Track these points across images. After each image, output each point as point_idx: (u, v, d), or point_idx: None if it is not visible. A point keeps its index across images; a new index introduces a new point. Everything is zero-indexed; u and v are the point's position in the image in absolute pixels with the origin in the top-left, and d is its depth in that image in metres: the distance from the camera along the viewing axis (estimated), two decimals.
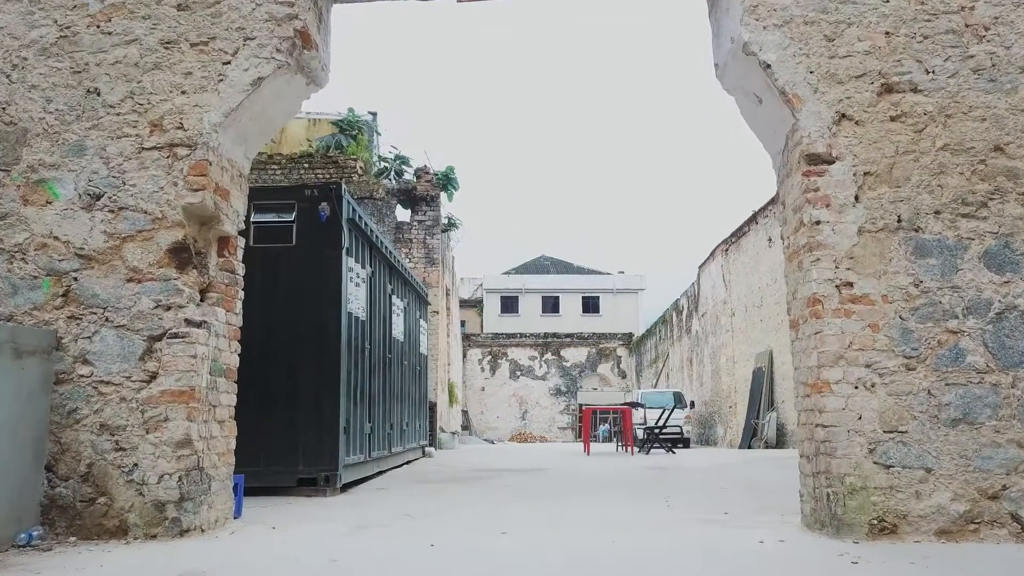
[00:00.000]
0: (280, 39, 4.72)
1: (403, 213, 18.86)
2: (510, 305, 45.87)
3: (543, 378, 37.05)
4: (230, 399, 4.90)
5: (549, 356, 37.22)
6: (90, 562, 3.75)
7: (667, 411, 15.93)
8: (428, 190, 18.78)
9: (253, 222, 7.01)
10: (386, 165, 20.04)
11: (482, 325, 43.48)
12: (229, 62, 4.70)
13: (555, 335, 38.17)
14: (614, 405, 23.01)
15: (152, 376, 4.42)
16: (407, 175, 19.70)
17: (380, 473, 9.15)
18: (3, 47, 4.81)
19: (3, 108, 4.76)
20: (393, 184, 19.07)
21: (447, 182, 19.30)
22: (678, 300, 28.41)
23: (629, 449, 15.69)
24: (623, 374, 37.11)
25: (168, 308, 4.48)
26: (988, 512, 4.10)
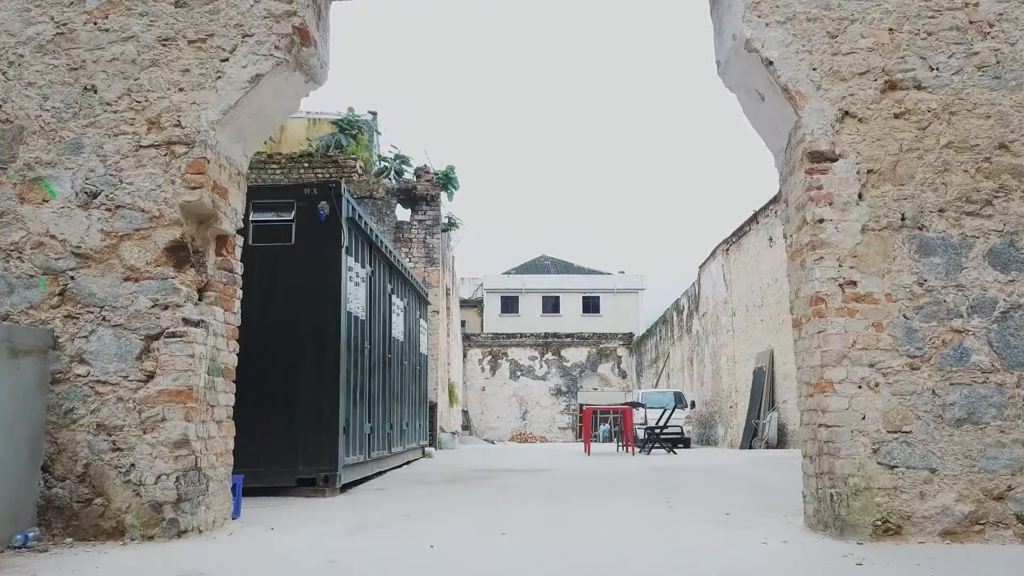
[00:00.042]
0: (278, 36, 4.68)
1: (403, 212, 18.83)
2: (510, 305, 45.85)
3: (543, 378, 37.02)
4: (228, 399, 4.86)
5: (549, 356, 37.20)
6: (86, 563, 3.72)
7: (668, 411, 15.88)
8: (428, 189, 18.75)
9: (252, 221, 6.98)
10: (386, 164, 19.99)
11: (482, 325, 43.45)
12: (227, 59, 4.66)
13: (555, 335, 38.14)
14: (614, 405, 22.98)
15: (149, 376, 4.39)
16: (407, 174, 19.66)
17: (380, 473, 9.11)
18: None
19: None
20: (393, 183, 19.03)
21: (447, 181, 19.26)
22: (678, 300, 28.37)
23: (630, 449, 15.64)
24: (623, 374, 37.08)
25: (165, 307, 4.45)
26: (993, 513, 4.06)
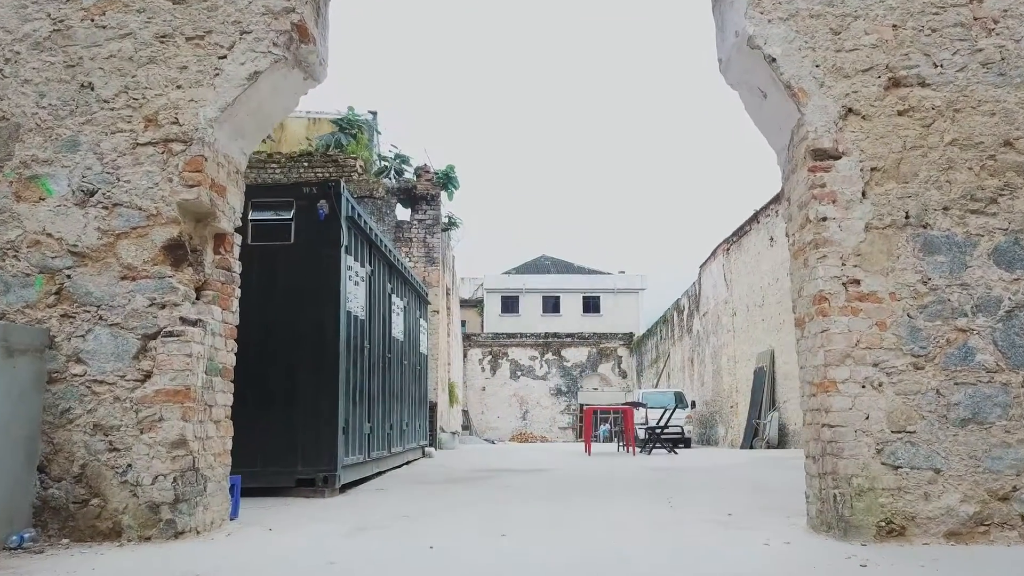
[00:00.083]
0: (277, 33, 4.64)
1: (403, 212, 18.79)
2: (511, 305, 45.81)
3: (544, 378, 36.99)
4: (226, 399, 4.82)
5: (550, 356, 37.16)
6: (82, 565, 3.68)
7: (669, 411, 15.84)
8: (428, 189, 18.71)
9: (251, 220, 6.94)
10: (386, 164, 19.95)
11: (483, 325, 43.41)
12: (225, 56, 4.62)
13: (556, 335, 38.11)
14: (615, 405, 22.94)
15: (146, 375, 4.35)
16: (407, 174, 19.62)
17: (379, 474, 9.07)
18: None
19: None
20: (393, 183, 18.99)
21: (447, 181, 19.22)
22: (679, 300, 28.33)
23: (630, 449, 15.60)
24: (624, 374, 37.04)
25: (163, 306, 4.41)
26: (998, 514, 4.02)
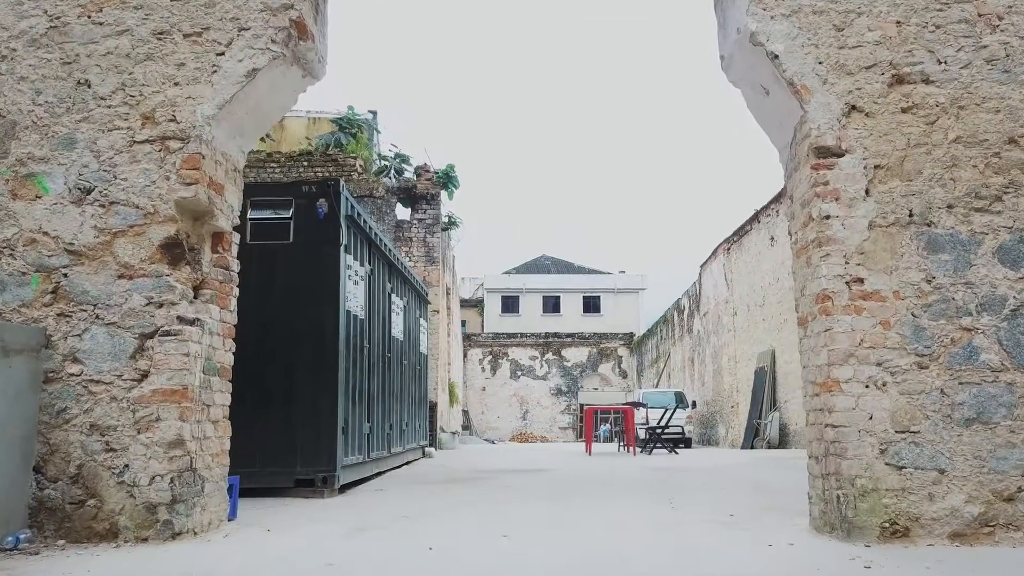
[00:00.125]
0: (275, 29, 4.60)
1: (403, 211, 18.75)
2: (511, 305, 45.79)
3: (544, 378, 36.94)
4: (224, 398, 4.78)
5: (550, 356, 37.11)
6: (78, 566, 3.64)
7: (670, 411, 15.80)
8: (428, 188, 18.67)
9: (250, 219, 6.90)
10: (386, 163, 19.91)
11: (483, 325, 43.38)
12: (223, 53, 4.58)
13: (556, 335, 38.07)
14: (615, 405, 22.90)
15: (143, 375, 4.31)
16: (407, 173, 19.57)
17: (379, 474, 9.04)
18: None
19: None
20: (393, 182, 18.94)
21: (447, 180, 19.18)
22: (679, 299, 28.28)
23: (631, 449, 15.57)
24: (624, 374, 37.00)
25: (160, 305, 4.37)
26: (1003, 515, 3.98)
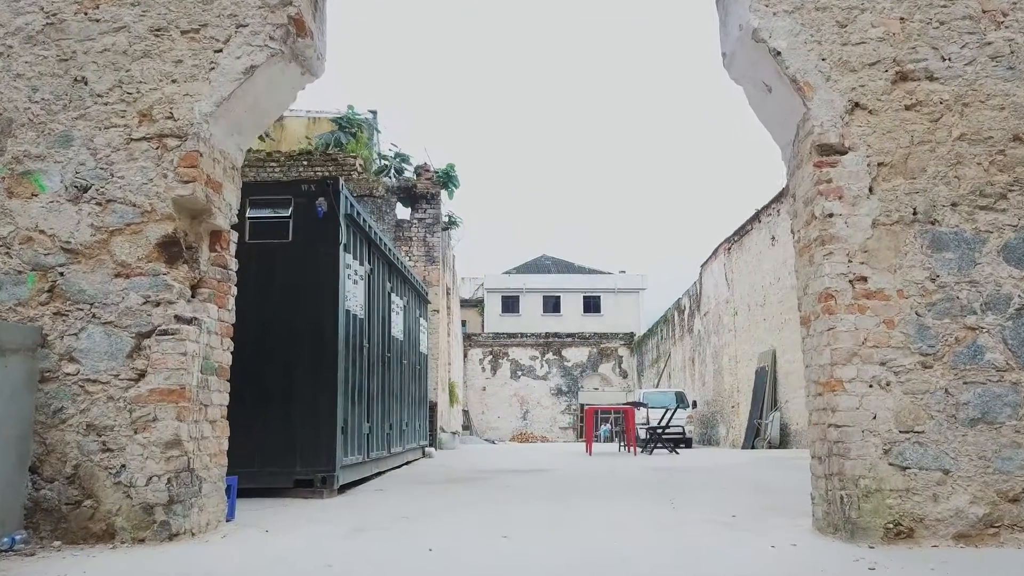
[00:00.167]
0: (273, 26, 4.56)
1: (403, 211, 18.70)
2: (511, 305, 45.75)
3: (544, 378, 36.90)
4: (222, 398, 4.74)
5: (550, 356, 37.07)
6: (73, 567, 3.60)
7: (671, 411, 15.76)
8: (428, 188, 18.63)
9: (248, 218, 6.87)
10: (386, 163, 19.86)
11: (483, 325, 43.34)
12: (221, 50, 4.55)
13: (556, 335, 38.02)
14: (616, 405, 22.86)
15: (140, 374, 4.27)
16: (407, 173, 19.53)
17: (379, 474, 9.00)
18: None
19: None
20: (393, 182, 18.90)
21: (447, 180, 19.13)
22: (680, 299, 28.23)
23: (631, 449, 15.53)
24: (624, 374, 36.96)
25: (157, 304, 4.33)
26: (1009, 515, 3.94)
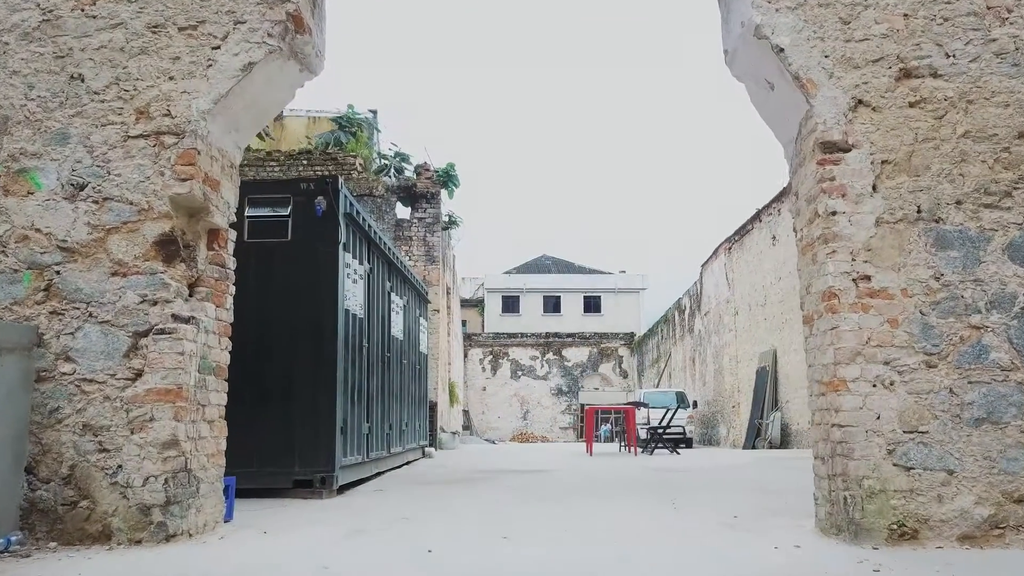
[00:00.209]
0: (272, 23, 4.53)
1: (403, 210, 18.66)
2: (511, 305, 45.73)
3: (544, 378, 36.85)
4: (220, 398, 4.70)
5: (551, 356, 37.02)
6: (69, 569, 3.57)
7: (671, 411, 15.72)
8: (428, 187, 18.59)
9: (247, 216, 6.83)
10: (386, 162, 19.83)
11: (483, 325, 43.31)
12: (219, 47, 4.51)
13: (556, 335, 37.98)
14: (616, 405, 22.82)
15: (137, 374, 4.23)
16: (407, 172, 19.49)
17: (379, 474, 8.96)
18: None
19: None
20: (393, 181, 18.86)
21: (447, 179, 19.09)
22: (680, 299, 28.19)
23: (632, 450, 15.49)
24: (625, 374, 36.92)
25: (154, 303, 4.29)
26: (1014, 516, 3.89)
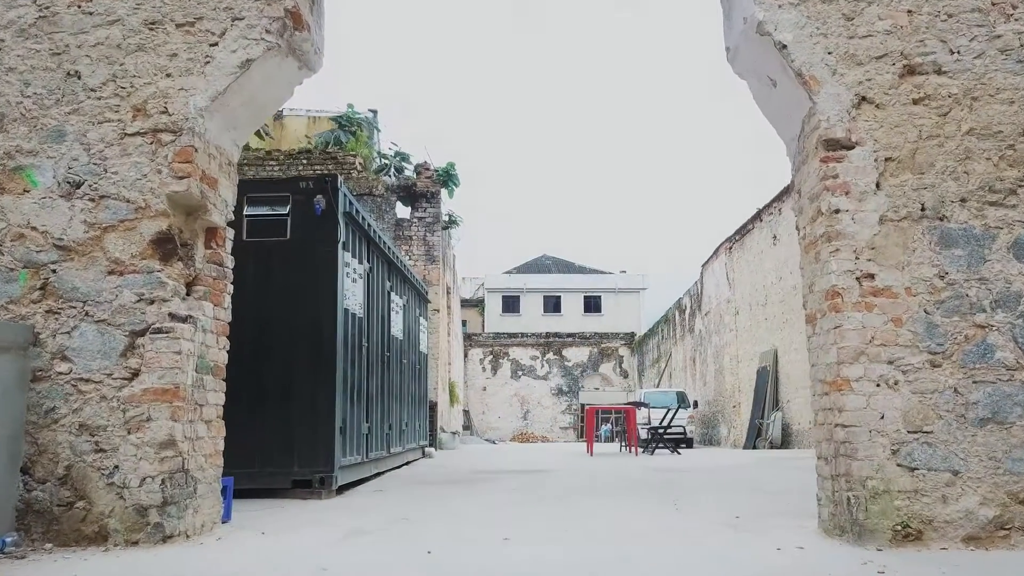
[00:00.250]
0: (270, 19, 4.49)
1: (403, 210, 18.63)
2: (512, 305, 45.68)
3: (545, 378, 36.81)
4: (218, 398, 4.67)
5: (551, 356, 36.98)
6: (65, 570, 3.53)
7: (672, 411, 15.68)
8: (428, 186, 18.55)
9: (246, 215, 6.80)
10: (386, 162, 19.80)
11: (483, 325, 43.27)
12: (216, 43, 4.47)
13: (557, 335, 37.94)
14: (617, 405, 22.78)
15: (134, 373, 4.19)
16: (407, 171, 19.46)
17: (378, 474, 8.92)
18: None
19: None
20: (393, 180, 18.83)
21: (448, 178, 19.05)
22: (681, 299, 28.15)
23: (633, 450, 15.45)
24: (625, 374, 36.87)
25: (151, 302, 4.25)
26: (1019, 517, 3.85)
